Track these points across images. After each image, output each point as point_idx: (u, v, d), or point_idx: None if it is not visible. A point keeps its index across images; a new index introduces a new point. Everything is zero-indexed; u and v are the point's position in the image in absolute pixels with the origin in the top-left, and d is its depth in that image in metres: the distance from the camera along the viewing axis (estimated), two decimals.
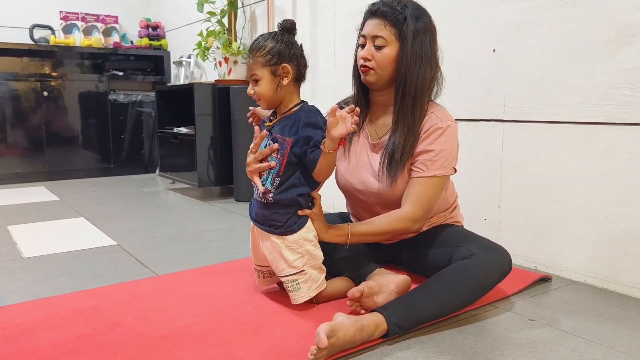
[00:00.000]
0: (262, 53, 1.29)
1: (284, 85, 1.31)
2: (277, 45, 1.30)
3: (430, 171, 1.34)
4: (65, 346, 1.15)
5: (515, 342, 1.19)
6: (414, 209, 1.34)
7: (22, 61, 3.78)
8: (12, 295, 1.50)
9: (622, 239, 1.51)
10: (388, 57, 1.35)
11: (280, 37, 1.31)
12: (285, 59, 1.30)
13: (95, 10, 4.14)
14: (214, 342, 1.16)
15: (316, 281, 1.34)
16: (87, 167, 3.97)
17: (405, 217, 1.34)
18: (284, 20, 1.34)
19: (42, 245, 2.04)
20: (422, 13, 1.36)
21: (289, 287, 1.34)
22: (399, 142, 1.37)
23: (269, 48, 1.29)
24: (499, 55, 1.79)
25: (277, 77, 1.30)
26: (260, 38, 1.33)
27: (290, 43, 1.32)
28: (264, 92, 1.31)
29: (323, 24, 2.60)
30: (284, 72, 1.30)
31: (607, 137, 1.52)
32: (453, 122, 1.39)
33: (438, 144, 1.35)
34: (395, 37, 1.34)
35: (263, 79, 1.30)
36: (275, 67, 1.30)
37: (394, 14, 1.33)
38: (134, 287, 1.54)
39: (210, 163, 3.06)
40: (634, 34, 1.44)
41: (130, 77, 4.16)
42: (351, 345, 1.11)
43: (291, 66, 1.31)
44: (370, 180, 1.44)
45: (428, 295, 1.24)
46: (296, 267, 1.32)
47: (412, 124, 1.36)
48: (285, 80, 1.31)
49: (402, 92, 1.36)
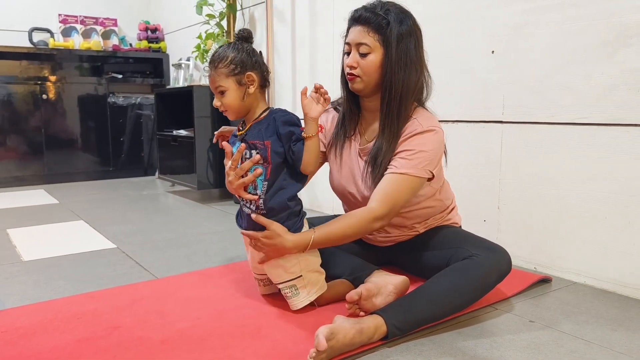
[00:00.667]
0: (225, 64, 1.28)
1: (250, 93, 1.30)
2: (239, 54, 1.29)
3: (402, 168, 1.31)
4: (65, 350, 1.15)
5: (515, 343, 1.19)
6: (378, 205, 1.29)
7: (21, 64, 3.78)
8: (11, 298, 1.50)
9: (621, 240, 1.51)
10: (373, 63, 1.33)
11: (241, 46, 1.30)
12: (249, 67, 1.29)
13: (94, 13, 4.14)
14: (214, 345, 1.16)
15: (315, 284, 1.34)
16: (86, 170, 3.97)
17: (369, 215, 1.29)
18: (241, 30, 1.33)
19: (42, 248, 2.04)
20: (406, 16, 1.34)
21: (288, 294, 1.33)
22: (383, 147, 1.35)
23: (231, 58, 1.28)
24: (498, 57, 1.80)
25: (243, 86, 1.29)
26: (220, 49, 1.31)
27: (251, 51, 1.31)
28: (231, 102, 1.29)
29: (322, 26, 2.60)
30: (249, 81, 1.29)
31: (605, 138, 1.52)
32: (437, 127, 1.35)
33: (417, 145, 1.32)
34: (380, 42, 1.32)
35: (229, 90, 1.28)
36: (240, 77, 1.28)
37: (376, 20, 1.31)
38: (134, 291, 1.53)
39: (210, 165, 3.06)
40: (632, 35, 1.44)
41: (130, 79, 4.16)
42: (350, 347, 1.11)
43: (255, 74, 1.30)
44: (359, 182, 1.44)
45: (427, 297, 1.23)
46: (293, 272, 1.31)
47: (397, 129, 1.35)
48: (252, 88, 1.30)
49: (387, 98, 1.34)
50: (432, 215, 1.50)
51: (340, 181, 1.49)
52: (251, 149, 1.29)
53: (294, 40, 2.82)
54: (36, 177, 3.77)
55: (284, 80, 2.92)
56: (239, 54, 1.28)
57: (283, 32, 2.89)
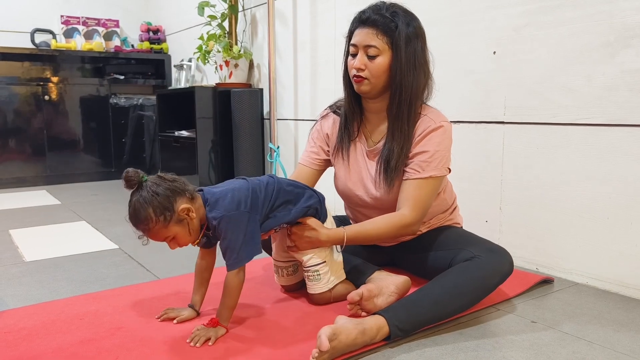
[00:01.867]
0: (153, 222, 1.14)
1: (194, 219, 1.19)
2: (153, 203, 1.13)
3: (425, 172, 1.34)
4: (67, 351, 1.15)
5: (517, 344, 1.19)
6: (411, 213, 1.33)
7: (23, 65, 3.79)
8: (13, 299, 1.50)
9: (623, 241, 1.51)
10: (382, 66, 1.33)
11: (146, 194, 1.14)
12: (174, 204, 1.15)
13: (96, 15, 4.15)
14: (216, 346, 1.16)
15: (335, 272, 1.38)
16: (88, 171, 3.98)
17: (402, 221, 1.33)
18: (125, 177, 1.15)
19: (44, 249, 2.05)
20: (412, 18, 1.35)
21: (310, 277, 1.36)
22: (396, 150, 1.36)
23: (151, 213, 1.13)
24: (499, 58, 1.80)
25: (184, 221, 1.17)
26: (132, 212, 1.15)
27: (156, 191, 1.15)
28: (187, 241, 1.21)
29: (323, 27, 2.61)
30: (186, 213, 1.17)
31: (607, 139, 1.52)
32: (447, 122, 1.38)
33: (432, 145, 1.34)
34: (388, 45, 1.32)
35: (177, 235, 1.18)
36: (175, 218, 1.16)
37: (385, 22, 1.31)
38: (136, 291, 1.54)
39: (212, 166, 3.06)
40: (632, 36, 1.44)
41: (131, 80, 4.16)
42: (353, 348, 1.11)
43: (184, 201, 1.17)
44: (368, 185, 1.45)
45: (430, 298, 1.23)
46: (319, 257, 1.35)
47: (408, 131, 1.36)
48: (193, 214, 1.18)
49: (397, 100, 1.35)
50: (435, 215, 1.50)
51: (347, 184, 1.50)
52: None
53: (295, 41, 2.82)
54: (38, 178, 3.78)
55: (286, 81, 2.93)
56: (153, 202, 1.13)
57: (284, 33, 2.89)
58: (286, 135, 2.97)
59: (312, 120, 2.75)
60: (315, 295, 1.38)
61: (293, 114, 2.90)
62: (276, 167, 2.90)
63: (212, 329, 1.20)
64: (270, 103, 2.91)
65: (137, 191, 1.16)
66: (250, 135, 2.98)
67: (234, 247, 1.20)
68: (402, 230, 1.35)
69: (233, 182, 1.30)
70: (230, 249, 1.20)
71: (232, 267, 1.22)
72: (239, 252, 1.20)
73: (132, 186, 1.16)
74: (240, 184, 1.28)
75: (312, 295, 1.39)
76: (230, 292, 1.22)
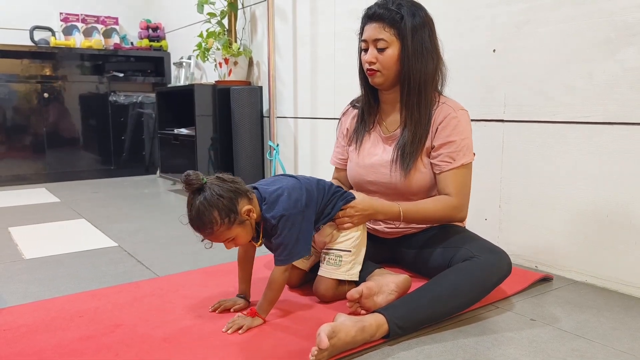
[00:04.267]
0: (218, 225, 1.15)
1: (254, 219, 1.22)
2: (218, 205, 1.14)
3: (457, 162, 1.41)
4: (67, 348, 1.15)
5: (517, 342, 1.19)
6: (456, 197, 1.41)
7: (22, 63, 3.78)
8: (13, 296, 1.50)
9: (623, 238, 1.51)
10: (391, 57, 1.39)
11: (210, 196, 1.14)
12: (236, 203, 1.17)
13: (95, 12, 4.14)
14: (215, 344, 1.16)
15: (353, 268, 1.37)
16: (87, 169, 3.98)
17: (450, 203, 1.41)
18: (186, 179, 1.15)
19: (43, 246, 2.05)
20: (418, 8, 1.40)
21: (331, 261, 1.36)
22: (409, 137, 1.43)
23: (216, 216, 1.14)
24: (499, 56, 1.79)
25: (246, 222, 1.20)
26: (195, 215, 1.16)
27: (220, 193, 1.15)
28: (246, 240, 1.23)
29: (323, 24, 2.60)
30: (248, 214, 1.19)
31: (607, 137, 1.52)
32: (464, 110, 1.45)
33: (457, 134, 1.41)
34: (395, 36, 1.38)
35: (237, 235, 1.20)
36: (239, 219, 1.18)
37: (390, 15, 1.37)
38: (135, 289, 1.54)
39: (211, 164, 3.06)
40: (634, 33, 1.44)
41: (131, 78, 4.16)
42: (352, 346, 1.11)
43: (245, 202, 1.19)
44: (381, 170, 1.49)
45: (429, 297, 1.24)
46: (347, 245, 1.36)
47: (419, 118, 1.42)
48: (254, 214, 1.20)
49: (407, 89, 1.42)
50: None
51: (358, 171, 1.55)
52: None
53: (295, 38, 2.82)
54: (38, 176, 3.77)
55: (285, 77, 2.92)
56: (218, 205, 1.14)
57: (284, 29, 2.89)
58: (286, 133, 2.96)
59: (312, 118, 2.75)
60: (324, 279, 1.36)
61: (293, 112, 2.90)
62: (275, 165, 2.90)
63: (248, 318, 1.23)
64: (270, 101, 2.91)
65: (199, 193, 1.15)
66: (250, 133, 2.98)
67: (287, 244, 1.22)
68: (451, 211, 1.41)
69: (285, 180, 1.31)
70: (283, 246, 1.22)
71: (282, 263, 1.24)
72: (292, 250, 1.23)
73: (194, 189, 1.15)
74: (294, 183, 1.30)
75: (320, 281, 1.37)
76: (274, 287, 1.25)
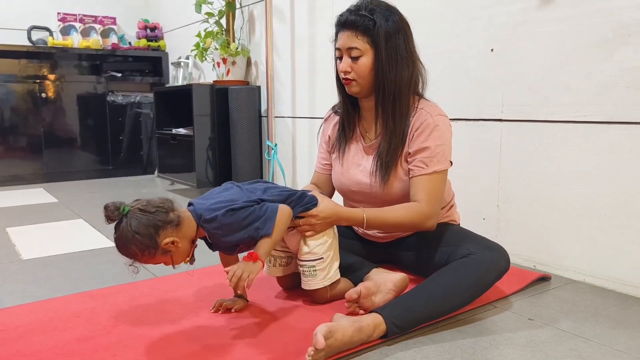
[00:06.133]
0: (139, 257, 1.14)
1: (180, 246, 1.16)
2: (134, 241, 1.11)
3: (430, 168, 1.35)
4: (64, 348, 1.15)
5: (515, 341, 1.19)
6: (426, 204, 1.34)
7: (20, 63, 3.77)
8: (10, 297, 1.50)
9: (621, 238, 1.51)
10: (366, 66, 1.34)
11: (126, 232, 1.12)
12: (157, 238, 1.12)
13: (93, 12, 4.13)
14: (213, 344, 1.16)
15: (330, 271, 1.35)
16: (85, 169, 3.97)
17: (420, 210, 1.34)
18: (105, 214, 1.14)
19: (41, 247, 2.04)
20: (391, 13, 1.34)
21: (306, 272, 1.35)
22: (384, 146, 1.39)
23: (135, 250, 1.12)
24: (497, 55, 1.79)
25: (170, 251, 1.16)
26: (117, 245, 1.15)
27: (136, 230, 1.11)
28: (179, 261, 1.19)
29: (321, 24, 2.60)
30: (170, 245, 1.14)
31: (604, 136, 1.52)
32: (443, 115, 1.39)
33: (432, 139, 1.35)
34: (369, 44, 1.33)
35: (165, 261, 1.17)
36: (162, 250, 1.14)
37: (363, 22, 1.32)
38: (133, 289, 1.53)
39: (209, 164, 3.06)
40: (630, 33, 1.44)
41: (129, 78, 4.15)
42: (350, 346, 1.11)
43: (169, 233, 1.13)
44: (363, 180, 1.46)
45: (426, 295, 1.24)
46: (316, 253, 1.33)
47: (394, 128, 1.38)
48: (178, 244, 1.15)
49: (381, 98, 1.37)
50: None
51: (341, 180, 1.52)
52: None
53: (293, 38, 2.82)
54: (35, 176, 3.77)
55: (284, 78, 2.92)
56: (136, 239, 1.11)
57: (282, 30, 2.89)
58: (284, 132, 2.96)
59: (310, 117, 2.75)
60: (310, 291, 1.37)
61: (291, 112, 2.90)
62: (274, 165, 2.90)
63: (249, 264, 1.15)
64: (268, 100, 2.91)
65: (119, 226, 1.14)
66: (248, 133, 2.97)
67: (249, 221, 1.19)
68: (420, 218, 1.33)
69: (221, 190, 1.29)
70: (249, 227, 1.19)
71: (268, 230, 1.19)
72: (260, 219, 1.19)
73: (114, 221, 1.15)
74: (230, 187, 1.30)
75: (308, 292, 1.39)
76: (277, 223, 1.20)
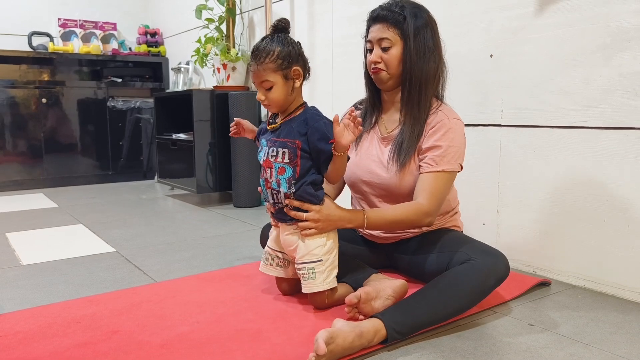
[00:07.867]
0: (272, 58, 1.27)
1: (296, 87, 1.31)
2: (284, 47, 1.27)
3: (439, 166, 1.39)
4: (64, 354, 1.15)
5: (515, 347, 1.19)
6: (427, 202, 1.37)
7: (20, 68, 3.79)
8: (10, 303, 1.50)
9: (620, 243, 1.51)
10: (395, 56, 1.42)
11: (284, 39, 1.29)
12: (295, 61, 1.29)
13: (93, 17, 4.15)
14: (213, 350, 1.16)
15: (329, 276, 1.34)
16: (85, 174, 3.97)
17: (419, 208, 1.37)
18: (279, 20, 1.32)
19: (41, 252, 2.04)
20: (420, 10, 1.44)
21: (305, 275, 1.34)
22: (407, 133, 1.44)
23: (277, 52, 1.27)
24: (496, 61, 1.80)
25: (289, 81, 1.30)
26: (263, 43, 1.30)
27: (295, 43, 1.30)
28: (278, 97, 1.30)
29: (321, 30, 2.61)
30: (295, 75, 1.30)
31: (604, 141, 1.53)
32: (459, 119, 1.44)
33: (445, 140, 1.39)
34: (399, 36, 1.42)
35: (276, 85, 1.28)
36: (287, 71, 1.28)
37: (393, 16, 1.41)
38: (133, 294, 1.53)
39: (209, 169, 3.06)
40: (629, 38, 1.45)
41: (129, 83, 4.16)
42: (350, 351, 1.11)
43: (300, 67, 1.30)
44: (376, 170, 1.49)
45: (426, 301, 1.24)
46: (315, 255, 1.33)
47: (418, 114, 1.44)
48: (298, 82, 1.31)
49: (408, 86, 1.44)
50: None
51: (354, 170, 1.55)
52: (283, 146, 1.30)
53: None
54: (35, 181, 3.77)
55: None
56: (285, 47, 1.27)
57: None
58: None
59: None
60: (310, 295, 1.37)
61: None
62: None
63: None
64: None
65: (279, 33, 1.29)
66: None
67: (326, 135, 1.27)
68: (419, 217, 1.37)
69: None
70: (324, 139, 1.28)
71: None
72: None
73: (279, 28, 1.30)
74: None
75: (309, 296, 1.38)
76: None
